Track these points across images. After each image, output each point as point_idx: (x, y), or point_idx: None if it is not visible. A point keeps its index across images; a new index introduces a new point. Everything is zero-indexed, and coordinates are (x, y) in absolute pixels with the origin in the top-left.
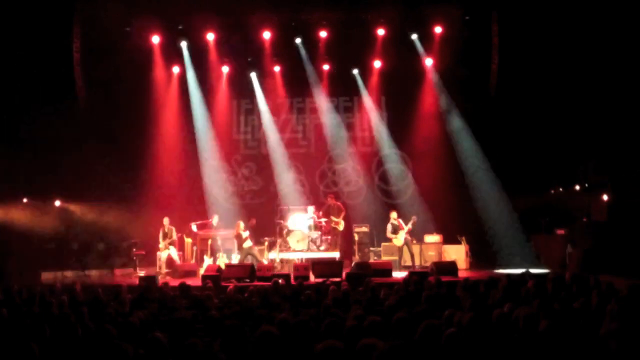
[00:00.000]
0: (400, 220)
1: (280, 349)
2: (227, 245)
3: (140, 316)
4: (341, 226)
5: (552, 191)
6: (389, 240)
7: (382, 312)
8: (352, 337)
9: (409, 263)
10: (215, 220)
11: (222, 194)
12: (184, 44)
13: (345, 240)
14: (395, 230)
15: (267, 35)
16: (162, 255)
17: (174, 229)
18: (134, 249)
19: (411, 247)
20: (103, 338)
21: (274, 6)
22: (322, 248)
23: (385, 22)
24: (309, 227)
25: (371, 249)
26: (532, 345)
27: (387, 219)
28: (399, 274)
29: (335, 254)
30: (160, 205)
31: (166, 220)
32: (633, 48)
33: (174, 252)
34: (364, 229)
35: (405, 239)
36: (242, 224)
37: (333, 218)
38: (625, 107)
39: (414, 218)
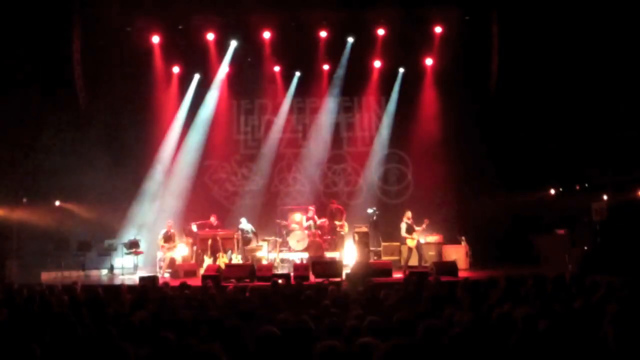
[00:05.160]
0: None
1: (280, 349)
2: (227, 245)
3: (140, 316)
4: (346, 228)
5: (552, 191)
6: (402, 239)
7: (382, 312)
8: (352, 337)
9: (414, 263)
10: (212, 220)
11: (222, 194)
12: (184, 44)
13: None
14: (410, 230)
15: (267, 35)
16: (166, 256)
17: (176, 234)
18: (134, 249)
19: (422, 248)
20: (103, 338)
21: (274, 6)
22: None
23: (385, 22)
24: (309, 227)
25: (371, 249)
26: (531, 345)
27: (387, 219)
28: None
29: (335, 254)
30: (160, 205)
31: (169, 224)
32: (633, 47)
33: (177, 255)
34: (364, 229)
35: (417, 240)
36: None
37: (336, 222)
38: (625, 107)
39: (426, 220)
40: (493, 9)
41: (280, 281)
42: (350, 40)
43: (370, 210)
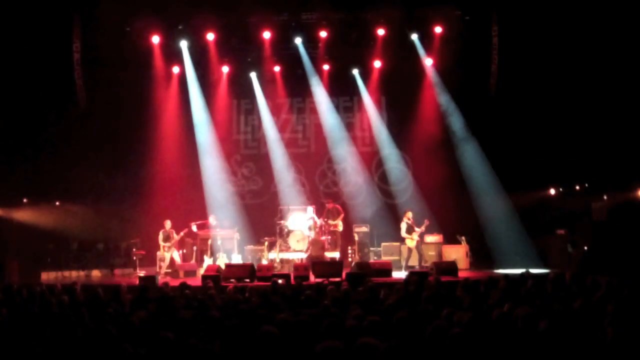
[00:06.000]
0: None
1: (280, 349)
2: (227, 245)
3: (140, 316)
4: (340, 227)
5: (552, 191)
6: (402, 239)
7: (381, 312)
8: (352, 337)
9: (413, 264)
10: (212, 219)
11: (222, 194)
12: (184, 44)
13: (344, 240)
14: (410, 230)
15: (267, 35)
16: (166, 256)
17: (174, 232)
18: (134, 249)
19: (421, 248)
20: (103, 338)
21: (274, 6)
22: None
23: (385, 22)
24: (309, 228)
25: (371, 249)
26: (531, 345)
27: (388, 219)
28: (399, 274)
29: (335, 254)
30: (160, 205)
31: (168, 224)
32: (632, 46)
33: (175, 254)
34: (364, 229)
35: (417, 240)
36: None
37: (330, 221)
38: (626, 106)
39: (426, 221)
40: (493, 9)
41: (280, 281)
42: (350, 40)
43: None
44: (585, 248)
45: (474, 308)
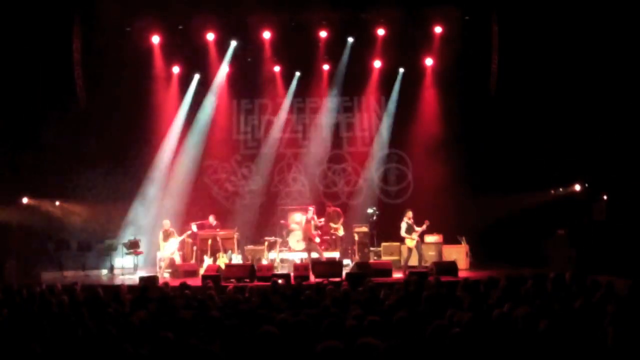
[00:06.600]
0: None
1: (280, 349)
2: (227, 245)
3: (140, 316)
4: (341, 231)
5: (552, 191)
6: (402, 239)
7: (381, 312)
8: (352, 337)
9: (413, 263)
10: (211, 219)
11: (222, 194)
12: (184, 44)
13: (345, 241)
14: (410, 230)
15: (267, 35)
16: (166, 256)
17: (175, 232)
18: (134, 249)
19: (421, 248)
20: (103, 338)
21: (274, 6)
22: (321, 248)
23: (385, 22)
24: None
25: (371, 249)
26: (531, 345)
27: (388, 219)
28: (399, 274)
29: (335, 254)
30: (160, 205)
31: (167, 223)
32: (632, 47)
33: (176, 254)
34: (364, 229)
35: (417, 240)
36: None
37: (332, 224)
38: (625, 106)
39: (426, 222)
40: (493, 9)
41: (280, 281)
42: (350, 40)
43: (370, 210)
44: (585, 248)
45: (474, 308)
